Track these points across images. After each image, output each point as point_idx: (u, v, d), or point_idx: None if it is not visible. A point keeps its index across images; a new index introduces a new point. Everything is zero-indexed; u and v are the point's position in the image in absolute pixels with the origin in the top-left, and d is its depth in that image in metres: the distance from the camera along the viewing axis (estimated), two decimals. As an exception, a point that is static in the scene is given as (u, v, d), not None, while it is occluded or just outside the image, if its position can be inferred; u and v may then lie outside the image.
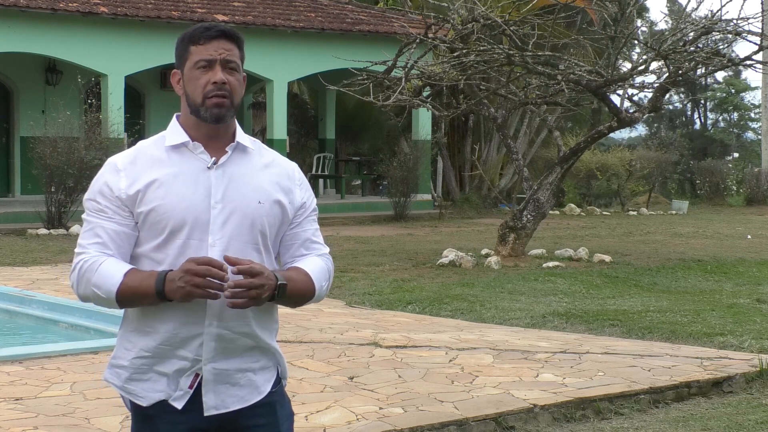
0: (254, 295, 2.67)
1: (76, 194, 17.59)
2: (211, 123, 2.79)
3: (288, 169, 2.92)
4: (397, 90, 13.71)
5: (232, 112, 2.81)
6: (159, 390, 2.78)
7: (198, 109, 2.79)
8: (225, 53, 2.78)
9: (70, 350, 7.54)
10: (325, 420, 5.73)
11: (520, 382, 6.71)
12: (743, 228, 20.77)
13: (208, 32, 2.79)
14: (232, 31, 2.82)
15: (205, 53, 2.78)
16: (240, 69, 2.83)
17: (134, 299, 2.70)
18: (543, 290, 11.33)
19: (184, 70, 2.81)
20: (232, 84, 2.78)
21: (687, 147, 36.83)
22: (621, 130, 16.17)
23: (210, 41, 2.78)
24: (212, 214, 2.75)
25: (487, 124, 25.56)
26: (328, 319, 9.21)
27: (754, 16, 13.62)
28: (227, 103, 2.78)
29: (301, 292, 2.83)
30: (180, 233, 2.73)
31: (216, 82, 2.76)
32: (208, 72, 2.77)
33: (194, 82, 2.78)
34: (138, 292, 2.68)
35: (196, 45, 2.79)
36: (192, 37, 2.80)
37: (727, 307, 10.22)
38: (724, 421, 6.14)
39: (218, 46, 2.78)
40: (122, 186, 2.76)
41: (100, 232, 2.75)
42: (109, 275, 2.70)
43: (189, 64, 2.80)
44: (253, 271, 2.66)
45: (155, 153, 2.81)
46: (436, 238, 17.65)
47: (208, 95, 2.77)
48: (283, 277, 2.75)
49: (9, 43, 19.39)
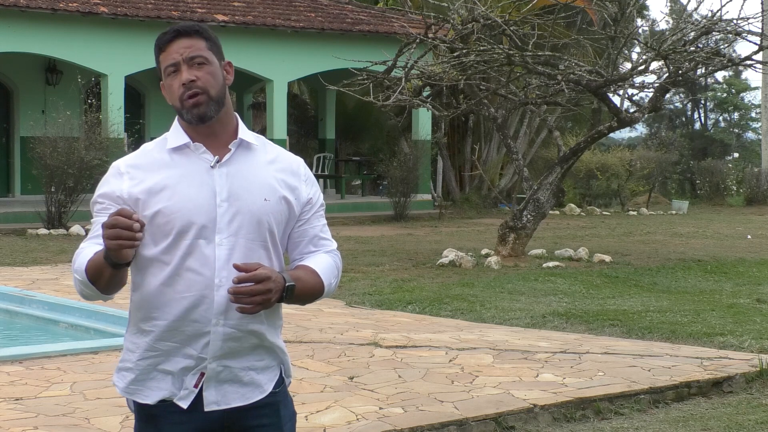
0: (260, 300, 2.66)
1: (76, 194, 17.61)
2: (196, 124, 2.78)
3: (293, 165, 2.90)
4: (397, 90, 13.71)
5: (213, 105, 2.77)
6: (163, 389, 2.78)
7: (182, 114, 2.79)
8: (186, 51, 2.77)
9: (70, 350, 7.54)
10: (325, 420, 5.73)
11: (520, 382, 6.71)
12: (743, 228, 20.78)
13: (166, 36, 2.80)
14: (189, 27, 2.81)
15: (169, 58, 2.78)
16: (210, 60, 2.79)
17: (97, 272, 2.68)
18: (543, 290, 11.33)
19: (163, 80, 2.83)
20: (202, 78, 2.76)
21: (687, 147, 36.84)
22: (621, 130, 16.18)
23: (170, 45, 2.78)
24: (218, 213, 2.74)
25: (487, 124, 25.56)
26: (328, 319, 9.21)
27: (754, 16, 13.62)
28: (203, 99, 2.76)
29: (310, 292, 2.83)
30: (187, 234, 2.73)
31: (184, 83, 2.75)
32: (177, 75, 2.77)
33: (170, 89, 2.79)
34: (96, 264, 2.67)
35: (162, 52, 2.80)
36: (158, 47, 2.82)
37: (727, 307, 10.22)
38: (724, 421, 6.14)
39: (178, 47, 2.78)
40: (125, 188, 2.76)
41: (96, 230, 2.76)
42: (84, 257, 2.72)
43: (163, 74, 2.81)
44: (258, 277, 2.64)
45: (158, 155, 2.80)
46: (436, 238, 17.65)
47: (182, 98, 2.76)
48: (291, 278, 2.74)
49: (9, 43, 19.39)
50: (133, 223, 2.57)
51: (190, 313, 2.73)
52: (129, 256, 2.64)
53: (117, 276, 2.69)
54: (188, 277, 2.73)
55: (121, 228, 2.56)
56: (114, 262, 2.63)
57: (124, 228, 2.56)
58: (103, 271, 2.67)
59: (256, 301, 2.65)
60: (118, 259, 2.62)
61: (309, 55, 21.99)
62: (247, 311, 2.67)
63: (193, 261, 2.72)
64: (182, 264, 2.72)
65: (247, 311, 2.67)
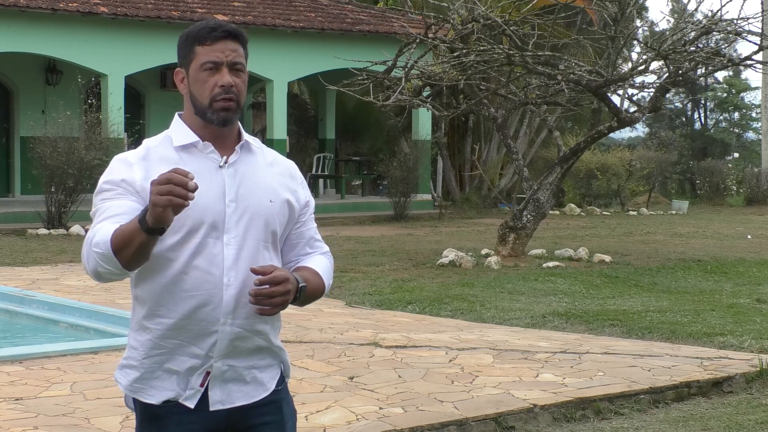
0: (280, 302, 2.68)
1: (76, 194, 17.60)
2: (217, 126, 2.77)
3: (290, 168, 2.94)
4: (397, 90, 13.71)
5: (238, 114, 2.79)
6: (168, 389, 2.78)
7: (204, 111, 2.76)
8: (232, 55, 2.75)
9: (70, 350, 7.54)
10: (325, 420, 5.73)
11: (520, 382, 6.71)
12: (743, 228, 20.77)
13: (215, 32, 2.75)
14: (238, 31, 2.79)
15: (212, 55, 2.74)
16: (245, 69, 2.80)
17: (125, 241, 2.56)
18: (543, 290, 11.33)
19: (189, 71, 2.78)
20: (239, 86, 2.76)
21: (687, 147, 36.83)
22: (621, 130, 16.17)
23: (216, 42, 2.75)
24: (227, 212, 2.74)
25: (487, 124, 25.56)
26: (328, 319, 9.21)
27: (754, 16, 13.63)
28: (234, 106, 2.75)
29: (315, 292, 2.86)
30: (198, 232, 2.72)
31: (224, 86, 2.73)
32: (215, 74, 2.74)
33: (201, 84, 2.75)
34: (126, 231, 2.56)
35: (203, 45, 2.75)
36: (198, 37, 2.76)
37: (727, 307, 10.22)
38: (724, 421, 6.14)
39: (225, 48, 2.75)
40: (137, 177, 2.71)
41: (110, 210, 2.68)
42: (105, 231, 2.62)
43: (195, 65, 2.76)
44: (276, 279, 2.66)
45: (166, 152, 2.77)
46: (436, 238, 17.65)
47: (215, 98, 2.74)
48: (303, 279, 2.77)
49: (9, 43, 19.38)
50: (189, 181, 2.48)
51: (197, 312, 2.73)
52: (170, 219, 2.51)
53: (147, 246, 2.57)
54: (196, 276, 2.72)
55: (175, 184, 2.46)
56: (152, 227, 2.51)
57: (179, 184, 2.46)
58: (133, 239, 2.55)
59: (276, 303, 2.68)
60: (159, 220, 2.49)
61: (309, 55, 21.99)
62: (267, 313, 2.69)
63: (201, 260, 2.72)
64: (190, 262, 2.72)
65: (267, 313, 2.69)
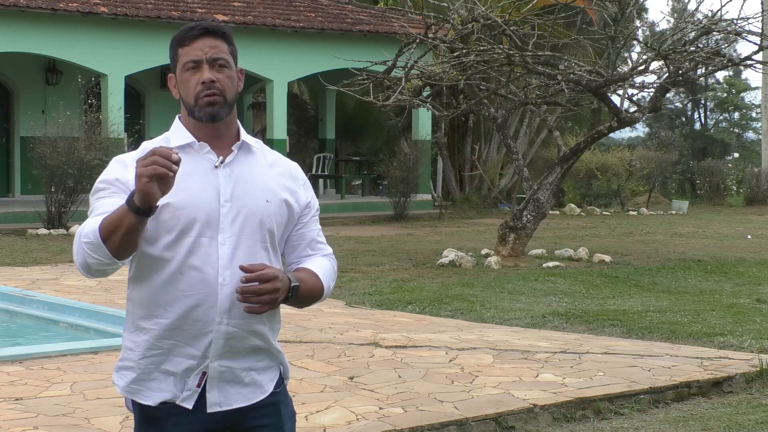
0: (268, 300, 2.68)
1: (76, 194, 17.60)
2: (206, 122, 2.78)
3: (292, 169, 2.94)
4: (397, 90, 13.71)
5: (226, 108, 2.79)
6: (165, 390, 2.78)
7: (193, 110, 2.79)
8: (211, 51, 2.77)
9: (70, 350, 7.54)
10: (325, 420, 5.73)
11: (520, 382, 6.71)
12: (743, 228, 20.77)
13: (192, 32, 2.79)
14: (217, 27, 2.81)
15: (192, 54, 2.77)
16: (230, 64, 2.80)
17: (114, 225, 2.58)
18: (543, 290, 11.33)
19: (176, 73, 2.81)
20: (222, 81, 2.77)
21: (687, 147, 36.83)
22: (621, 130, 16.17)
23: (195, 41, 2.78)
24: (221, 212, 2.75)
25: (487, 124, 25.56)
26: (328, 319, 9.21)
27: (754, 16, 13.63)
28: (219, 100, 2.76)
29: (312, 294, 2.85)
30: (191, 231, 2.73)
31: (204, 82, 2.75)
32: (197, 72, 2.77)
33: (185, 85, 2.79)
34: (114, 215, 2.59)
35: (183, 47, 2.79)
36: (179, 39, 2.80)
37: (727, 307, 10.22)
38: (724, 421, 6.14)
39: (203, 45, 2.77)
40: (131, 177, 2.70)
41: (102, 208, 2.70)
42: (94, 221, 2.65)
43: (179, 67, 2.79)
44: (265, 276, 2.66)
45: None
46: (436, 238, 17.65)
47: (198, 95, 2.76)
48: (296, 279, 2.77)
49: (9, 43, 19.39)
50: (173, 153, 2.52)
51: (193, 311, 2.73)
52: (157, 196, 2.53)
53: (135, 229, 2.59)
54: (191, 275, 2.73)
55: (160, 155, 2.50)
56: (139, 205, 2.53)
57: (162, 156, 2.50)
58: (122, 222, 2.57)
59: (264, 301, 2.67)
60: (146, 195, 2.51)
61: (309, 55, 21.99)
62: (255, 311, 2.69)
63: (196, 259, 2.73)
64: (185, 262, 2.72)
65: (255, 311, 2.69)
